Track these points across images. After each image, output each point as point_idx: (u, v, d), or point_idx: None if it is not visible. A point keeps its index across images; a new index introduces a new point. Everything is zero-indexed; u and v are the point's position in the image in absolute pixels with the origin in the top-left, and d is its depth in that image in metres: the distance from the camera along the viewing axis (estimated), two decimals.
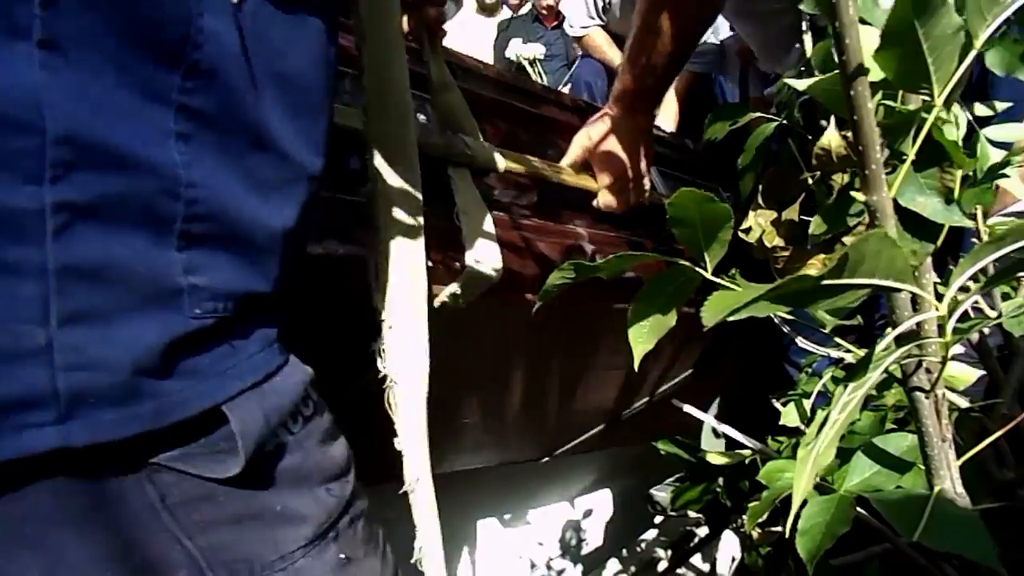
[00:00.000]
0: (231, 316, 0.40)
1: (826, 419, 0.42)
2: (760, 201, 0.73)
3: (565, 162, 0.94)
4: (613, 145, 0.93)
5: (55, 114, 0.32)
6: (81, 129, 0.33)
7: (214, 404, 0.39)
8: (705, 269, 0.54)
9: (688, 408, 0.87)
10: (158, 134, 0.36)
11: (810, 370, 1.07)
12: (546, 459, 1.16)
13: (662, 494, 1.35)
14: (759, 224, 0.71)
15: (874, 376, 0.44)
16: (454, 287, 0.70)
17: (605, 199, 0.94)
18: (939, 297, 0.42)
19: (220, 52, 0.38)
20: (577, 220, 0.96)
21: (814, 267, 0.79)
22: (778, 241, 0.70)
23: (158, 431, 0.37)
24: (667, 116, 2.37)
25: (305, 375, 0.46)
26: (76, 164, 0.33)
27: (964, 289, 0.46)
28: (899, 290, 0.37)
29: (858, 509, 0.65)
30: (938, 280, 0.55)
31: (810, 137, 0.75)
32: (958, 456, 0.59)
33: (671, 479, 1.49)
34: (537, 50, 3.28)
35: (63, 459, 0.34)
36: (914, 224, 0.59)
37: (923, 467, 0.57)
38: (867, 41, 0.40)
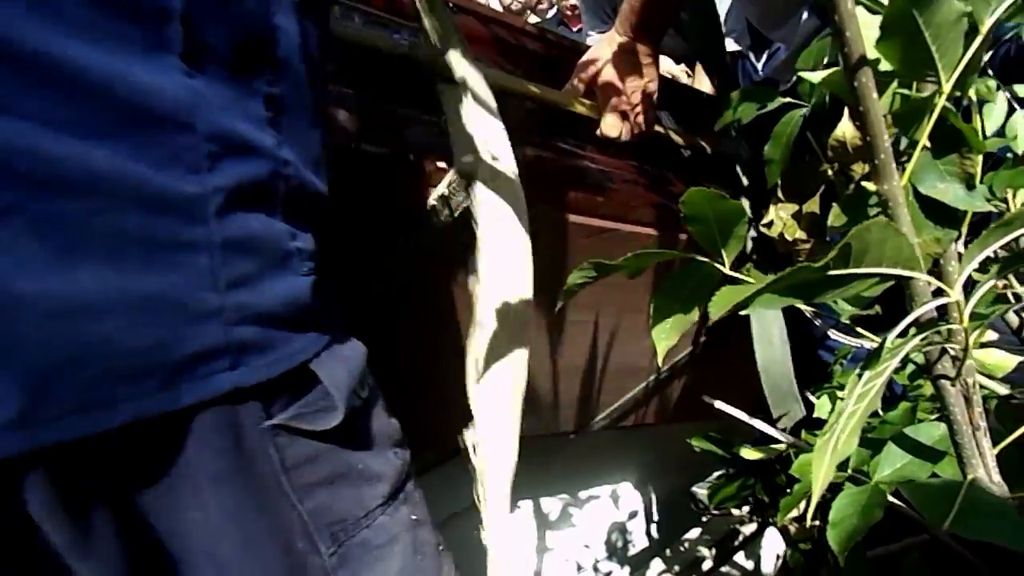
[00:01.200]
0: (316, 274, 0.46)
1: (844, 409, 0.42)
2: (780, 194, 0.73)
3: (567, 86, 0.91)
4: (616, 69, 0.90)
5: (201, 114, 0.38)
6: (218, 124, 0.39)
7: (318, 351, 0.45)
8: (723, 265, 0.55)
9: (719, 404, 0.87)
10: (259, 122, 0.42)
11: (844, 361, 1.06)
12: (576, 433, 1.14)
13: (703, 491, 1.35)
14: (780, 217, 0.71)
15: (892, 364, 0.44)
16: (442, 187, 0.70)
17: (606, 126, 0.91)
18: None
19: (289, 44, 0.44)
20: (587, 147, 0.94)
21: None
22: (800, 234, 0.70)
23: (277, 387, 0.42)
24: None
25: (363, 349, 0.51)
26: (221, 155, 0.39)
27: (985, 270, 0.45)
28: (907, 278, 0.37)
29: (896, 500, 0.65)
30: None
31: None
32: (997, 443, 0.58)
33: (713, 476, 1.48)
34: None
35: (224, 411, 0.40)
36: (936, 211, 0.59)
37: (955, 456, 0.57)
38: (872, 30, 0.41)
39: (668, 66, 2.41)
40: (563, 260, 0.91)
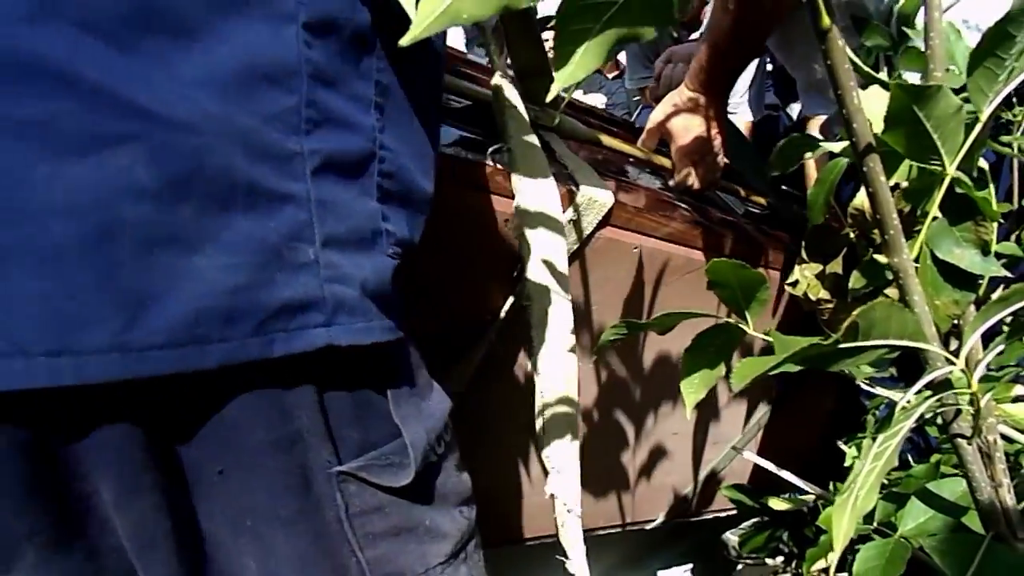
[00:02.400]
0: (402, 261, 0.47)
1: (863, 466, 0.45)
2: (804, 255, 0.76)
3: (642, 139, 0.99)
4: (685, 121, 0.96)
5: (307, 81, 0.40)
6: (321, 95, 0.41)
7: (399, 339, 0.45)
8: (747, 326, 0.58)
9: (750, 455, 0.89)
10: (365, 104, 0.44)
11: (877, 412, 1.07)
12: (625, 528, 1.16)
13: (735, 539, 1.35)
14: (805, 277, 0.74)
15: (907, 425, 0.47)
16: (570, 212, 0.75)
17: (678, 176, 0.98)
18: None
19: (394, 43, 0.46)
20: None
21: None
22: (823, 294, 0.73)
23: (351, 430, 0.43)
24: None
25: (448, 404, 0.52)
26: (320, 122, 0.41)
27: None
28: (915, 349, 0.41)
29: (924, 553, 0.67)
30: None
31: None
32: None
33: (746, 524, 1.48)
34: (598, 100, 3.37)
35: (296, 453, 0.41)
36: (954, 275, 0.62)
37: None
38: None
39: None
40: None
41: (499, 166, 0.73)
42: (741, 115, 2.01)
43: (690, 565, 1.84)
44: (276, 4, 0.39)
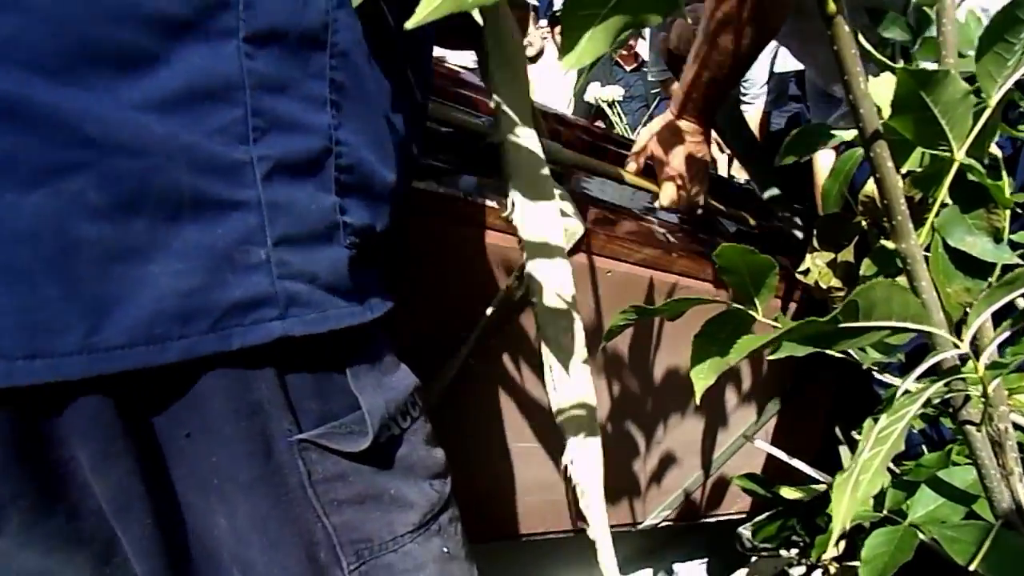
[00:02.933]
0: (363, 249, 0.49)
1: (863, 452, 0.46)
2: (816, 244, 0.76)
3: (628, 162, 1.03)
4: (670, 147, 1.00)
5: (252, 92, 0.43)
6: (266, 103, 0.43)
7: (363, 322, 0.48)
8: (756, 312, 0.58)
9: (760, 444, 0.89)
10: (318, 103, 0.46)
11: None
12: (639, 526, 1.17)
13: (748, 532, 1.35)
14: (816, 266, 0.74)
15: (912, 410, 0.47)
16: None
17: (664, 197, 1.01)
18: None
19: (349, 38, 0.47)
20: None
21: None
22: (835, 282, 0.73)
23: (307, 395, 0.46)
24: None
25: (413, 381, 0.54)
26: (267, 129, 0.43)
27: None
28: (918, 331, 0.41)
29: (933, 542, 0.67)
30: None
31: None
32: None
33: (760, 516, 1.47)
34: (616, 92, 3.36)
35: (257, 421, 0.44)
36: (966, 263, 0.62)
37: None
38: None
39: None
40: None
41: (470, 198, 0.75)
42: (757, 106, 2.00)
43: (706, 559, 1.84)
44: (216, 23, 0.42)
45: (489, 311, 0.79)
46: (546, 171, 0.73)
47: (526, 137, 0.72)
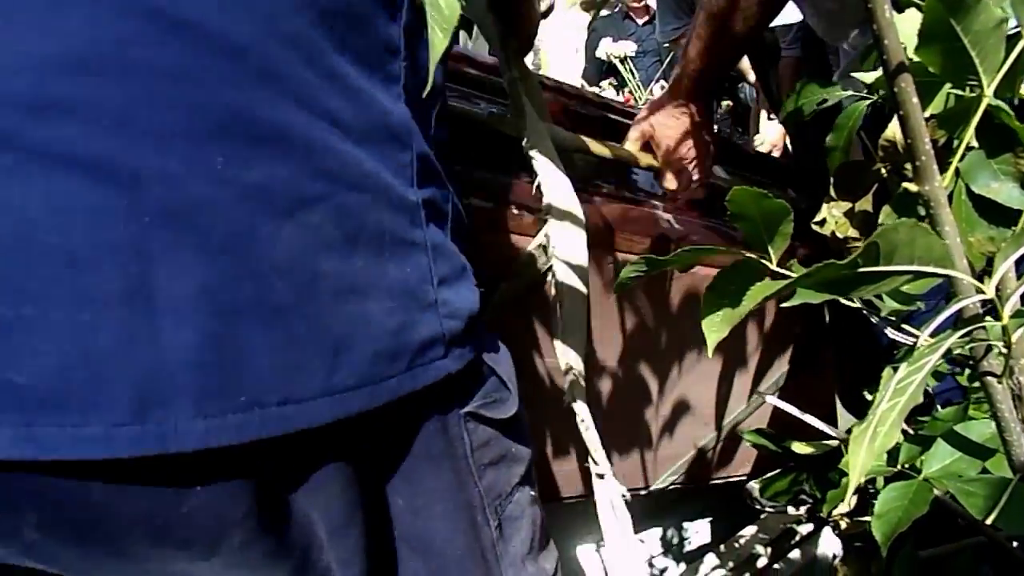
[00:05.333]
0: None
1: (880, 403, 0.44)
2: (833, 193, 0.73)
3: (627, 143, 0.99)
4: (670, 126, 0.97)
5: (413, 137, 0.45)
6: (421, 147, 0.45)
7: (491, 349, 0.53)
8: (770, 261, 0.56)
9: (773, 400, 0.88)
10: (441, 151, 0.48)
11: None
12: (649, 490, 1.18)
13: (757, 487, 1.35)
14: (833, 215, 0.72)
15: (932, 359, 0.45)
16: (540, 237, 0.76)
17: (667, 180, 0.99)
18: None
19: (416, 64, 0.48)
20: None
21: None
22: (852, 232, 0.71)
23: (464, 378, 0.48)
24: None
25: (509, 355, 0.57)
26: (423, 173, 0.45)
27: None
28: (939, 275, 0.39)
29: (951, 499, 0.65)
30: None
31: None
32: None
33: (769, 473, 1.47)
34: (628, 48, 3.28)
35: (438, 400, 0.47)
36: (991, 210, 0.59)
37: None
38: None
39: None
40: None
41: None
42: (793, 53, 1.96)
43: (711, 518, 1.85)
44: (391, 68, 0.43)
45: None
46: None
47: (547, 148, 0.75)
